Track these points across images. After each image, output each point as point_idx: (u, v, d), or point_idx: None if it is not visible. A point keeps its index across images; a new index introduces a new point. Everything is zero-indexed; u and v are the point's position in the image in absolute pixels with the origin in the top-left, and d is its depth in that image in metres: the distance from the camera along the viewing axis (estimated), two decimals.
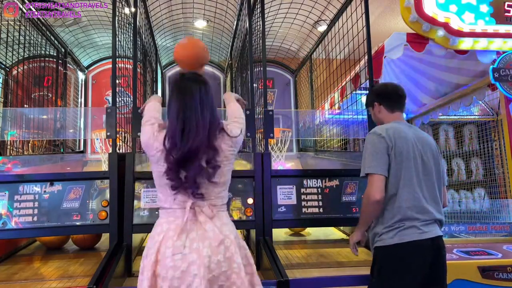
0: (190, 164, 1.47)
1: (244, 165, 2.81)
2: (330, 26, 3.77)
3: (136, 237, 2.52)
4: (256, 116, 2.87)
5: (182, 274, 1.40)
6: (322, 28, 4.17)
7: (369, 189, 1.81)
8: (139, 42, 3.19)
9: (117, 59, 2.63)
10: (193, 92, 1.51)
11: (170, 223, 1.50)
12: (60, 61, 4.30)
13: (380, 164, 1.81)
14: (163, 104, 1.88)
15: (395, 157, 1.83)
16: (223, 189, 1.60)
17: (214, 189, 1.55)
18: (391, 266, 1.77)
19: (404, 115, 4.80)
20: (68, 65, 4.48)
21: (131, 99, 2.68)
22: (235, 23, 4.14)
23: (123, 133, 2.91)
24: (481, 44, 3.12)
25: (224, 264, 1.45)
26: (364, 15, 2.84)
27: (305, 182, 2.56)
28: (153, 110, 1.75)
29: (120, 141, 2.87)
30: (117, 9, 2.68)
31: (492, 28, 3.11)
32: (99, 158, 3.18)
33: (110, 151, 2.46)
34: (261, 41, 2.87)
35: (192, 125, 1.47)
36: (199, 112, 1.49)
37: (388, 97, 2.05)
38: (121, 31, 2.96)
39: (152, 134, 1.57)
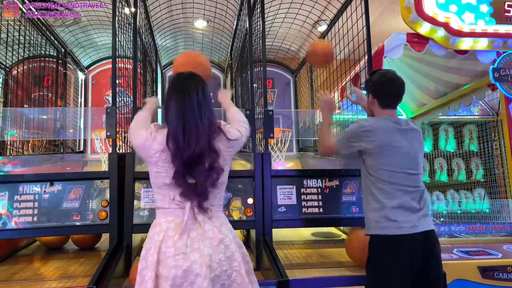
0: (196, 167, 1.47)
1: (244, 165, 2.81)
2: (330, 26, 3.77)
3: (136, 237, 2.52)
4: (256, 116, 2.87)
5: (184, 273, 1.40)
6: (322, 28, 4.17)
7: (328, 148, 2.10)
8: (139, 42, 3.19)
9: (117, 59, 2.63)
10: (191, 93, 1.50)
11: (169, 223, 1.50)
12: (60, 61, 4.30)
13: (347, 150, 2.00)
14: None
15: (379, 152, 1.88)
16: (222, 189, 1.61)
17: (213, 190, 1.55)
18: (383, 257, 1.81)
19: (404, 115, 4.82)
20: (68, 65, 4.47)
21: (131, 99, 2.68)
22: (235, 23, 4.14)
23: (123, 133, 2.91)
24: (481, 44, 3.12)
25: (225, 263, 1.46)
26: (364, 15, 2.84)
27: (305, 182, 2.56)
28: (142, 120, 1.70)
29: (120, 141, 2.87)
30: (117, 9, 2.68)
31: (492, 28, 3.11)
32: (99, 158, 3.18)
33: (110, 151, 2.46)
34: (261, 41, 2.87)
35: (192, 128, 1.46)
36: (198, 115, 1.48)
37: (383, 95, 2.00)
38: (121, 31, 2.96)
39: (150, 135, 1.54)
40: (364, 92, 2.24)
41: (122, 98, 3.11)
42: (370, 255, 1.88)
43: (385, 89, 1.99)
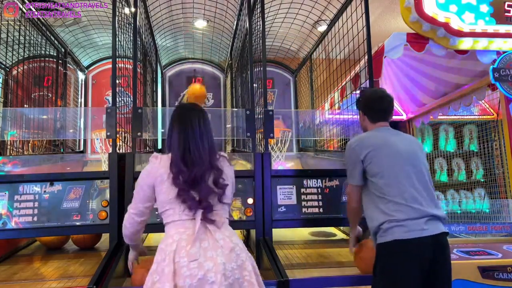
0: (198, 186, 1.56)
1: (244, 165, 2.81)
2: (330, 26, 3.77)
3: None
4: (256, 116, 2.87)
5: (199, 282, 1.42)
6: (322, 28, 4.16)
7: (348, 198, 2.11)
8: (139, 42, 3.19)
9: (117, 59, 2.63)
10: (192, 122, 1.62)
11: (181, 234, 1.52)
12: (60, 61, 4.29)
13: (355, 176, 1.99)
14: None
15: (375, 162, 1.91)
16: (228, 204, 1.69)
17: (217, 204, 1.62)
18: (392, 262, 1.79)
19: (404, 115, 4.82)
20: (68, 65, 4.47)
21: (131, 99, 2.68)
22: (235, 23, 4.14)
23: (123, 133, 2.91)
24: (481, 44, 3.12)
25: (237, 272, 1.49)
26: (364, 15, 2.84)
27: (305, 182, 2.56)
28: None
29: (120, 141, 2.87)
30: (117, 9, 2.68)
31: (492, 28, 3.11)
32: (99, 158, 3.18)
33: (110, 151, 2.46)
34: (261, 41, 2.87)
35: (194, 153, 1.58)
36: (199, 140, 1.60)
37: (372, 111, 2.11)
38: (121, 31, 2.96)
39: (155, 159, 1.65)
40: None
41: (122, 98, 3.11)
42: (378, 258, 1.87)
43: (374, 105, 2.11)
